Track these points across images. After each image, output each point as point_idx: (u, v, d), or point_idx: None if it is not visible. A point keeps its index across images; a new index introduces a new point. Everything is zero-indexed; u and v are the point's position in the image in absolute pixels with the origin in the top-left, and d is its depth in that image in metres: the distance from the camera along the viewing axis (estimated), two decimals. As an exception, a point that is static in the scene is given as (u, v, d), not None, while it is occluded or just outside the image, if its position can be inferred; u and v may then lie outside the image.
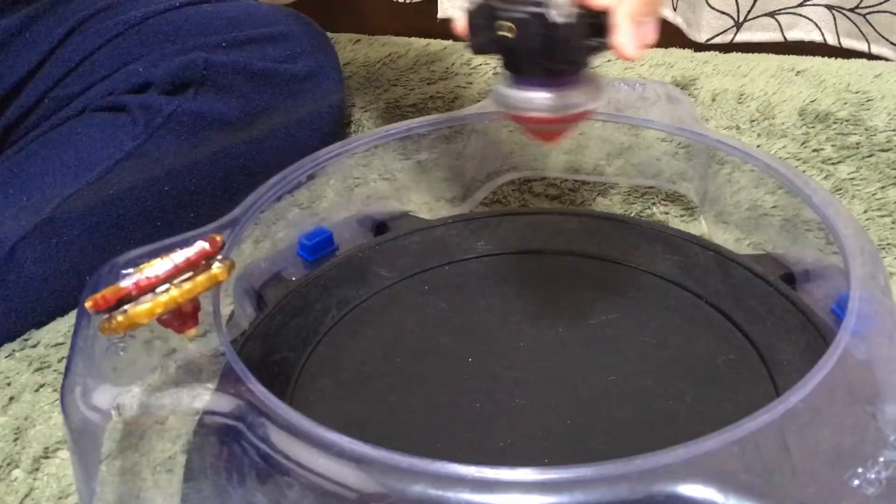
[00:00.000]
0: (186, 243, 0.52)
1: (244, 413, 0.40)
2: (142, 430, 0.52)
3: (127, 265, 0.50)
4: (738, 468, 0.34)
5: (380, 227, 0.65)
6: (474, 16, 0.41)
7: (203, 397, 0.46)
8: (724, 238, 0.66)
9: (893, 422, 0.36)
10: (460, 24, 0.43)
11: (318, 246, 0.61)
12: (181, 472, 0.49)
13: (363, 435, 0.37)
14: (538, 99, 0.43)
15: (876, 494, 0.32)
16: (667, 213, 0.71)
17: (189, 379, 0.48)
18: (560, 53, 0.40)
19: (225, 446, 0.42)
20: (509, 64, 0.43)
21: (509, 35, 0.40)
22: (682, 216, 0.70)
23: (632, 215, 0.70)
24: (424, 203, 0.72)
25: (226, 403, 0.42)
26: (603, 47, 0.40)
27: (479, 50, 0.43)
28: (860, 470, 0.33)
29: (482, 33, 0.41)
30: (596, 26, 0.40)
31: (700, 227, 0.69)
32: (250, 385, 0.40)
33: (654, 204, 0.72)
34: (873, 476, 0.33)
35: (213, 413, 0.44)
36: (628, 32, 0.39)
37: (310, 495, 0.37)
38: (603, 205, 0.72)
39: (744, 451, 0.35)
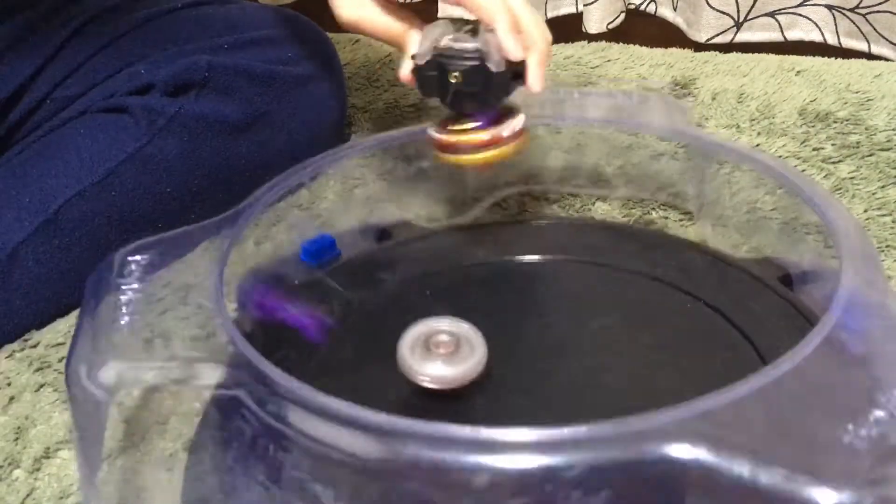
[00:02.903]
0: (195, 234, 0.52)
1: (252, 387, 0.40)
2: (143, 428, 0.53)
3: (126, 259, 0.50)
4: (729, 429, 0.34)
5: (382, 235, 0.65)
6: (426, 68, 0.55)
7: (213, 372, 0.45)
8: (723, 242, 0.66)
9: (883, 383, 0.37)
10: (405, 72, 0.56)
11: (320, 251, 0.62)
12: (182, 470, 0.49)
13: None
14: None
15: (867, 450, 0.33)
16: (665, 218, 0.71)
17: (189, 377, 0.48)
18: (494, 93, 0.55)
19: (232, 420, 0.42)
20: (453, 103, 0.55)
21: (457, 81, 0.54)
22: (680, 220, 0.70)
23: (630, 221, 0.70)
24: (426, 211, 0.71)
25: (233, 376, 0.42)
26: (520, 85, 0.55)
27: (427, 94, 0.56)
28: (850, 427, 0.33)
29: (431, 81, 0.55)
30: (516, 73, 0.54)
31: (698, 231, 0.69)
32: (259, 365, 0.40)
33: (652, 209, 0.72)
34: (864, 433, 0.33)
35: (221, 387, 0.43)
36: (538, 75, 0.54)
37: (309, 460, 0.37)
38: (602, 210, 0.72)
39: (735, 413, 0.35)
